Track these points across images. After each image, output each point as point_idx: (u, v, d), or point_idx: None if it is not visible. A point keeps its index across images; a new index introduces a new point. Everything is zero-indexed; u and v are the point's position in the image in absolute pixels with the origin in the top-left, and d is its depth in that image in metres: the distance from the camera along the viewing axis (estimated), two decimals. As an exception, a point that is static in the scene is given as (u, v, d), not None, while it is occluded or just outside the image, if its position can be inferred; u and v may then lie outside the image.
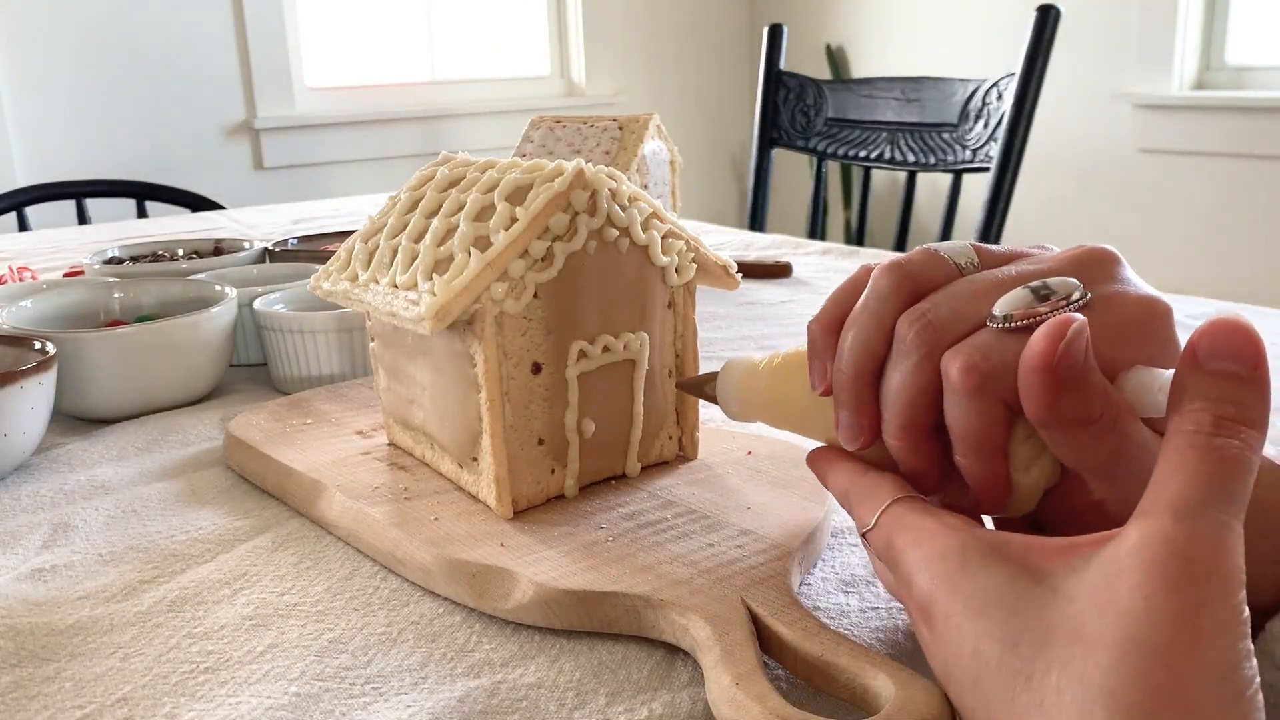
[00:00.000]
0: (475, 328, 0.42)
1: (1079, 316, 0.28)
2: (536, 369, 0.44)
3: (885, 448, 0.34)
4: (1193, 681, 0.23)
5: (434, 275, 0.42)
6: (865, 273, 0.34)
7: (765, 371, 0.39)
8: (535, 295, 0.42)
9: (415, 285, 0.43)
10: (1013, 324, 0.30)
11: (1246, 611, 0.24)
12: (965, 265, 0.33)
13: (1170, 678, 0.23)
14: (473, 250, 0.42)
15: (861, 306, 0.33)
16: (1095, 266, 0.32)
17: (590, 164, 0.44)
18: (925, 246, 0.34)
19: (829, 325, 0.35)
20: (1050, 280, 0.31)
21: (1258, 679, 0.24)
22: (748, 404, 0.39)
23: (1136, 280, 0.32)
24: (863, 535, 0.33)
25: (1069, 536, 0.28)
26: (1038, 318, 0.30)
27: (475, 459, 0.45)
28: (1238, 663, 0.24)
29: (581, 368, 0.44)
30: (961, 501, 0.33)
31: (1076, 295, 0.30)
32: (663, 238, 0.46)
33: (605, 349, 0.45)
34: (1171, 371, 0.28)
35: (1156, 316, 0.31)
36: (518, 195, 0.43)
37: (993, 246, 0.34)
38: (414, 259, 0.44)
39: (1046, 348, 0.28)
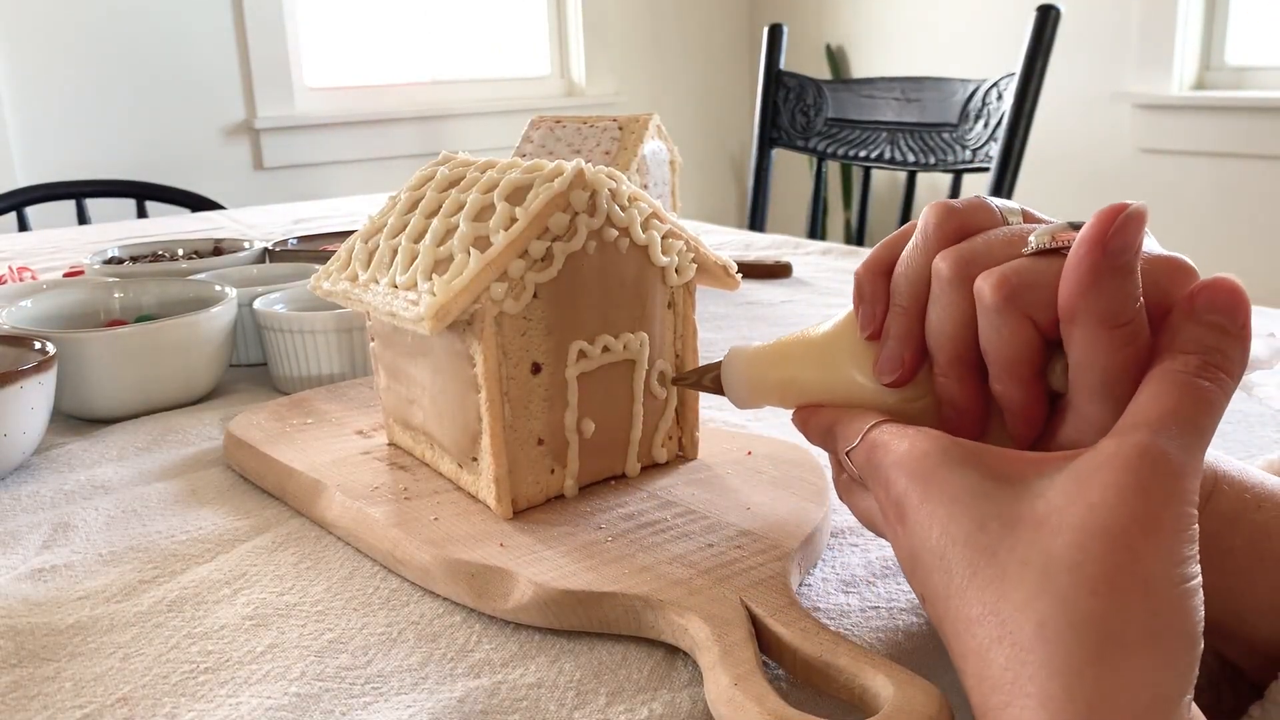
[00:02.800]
0: (475, 328, 0.42)
1: (1139, 203, 0.29)
2: (536, 369, 0.44)
3: (917, 398, 0.35)
4: (1149, 561, 0.26)
5: (434, 275, 0.42)
6: (912, 225, 0.36)
7: (771, 352, 0.39)
8: (535, 295, 0.42)
9: (415, 285, 0.43)
10: (1047, 245, 0.31)
11: (1197, 524, 0.28)
12: (1011, 220, 0.35)
13: (1130, 557, 0.26)
14: (472, 250, 0.42)
15: (912, 244, 0.35)
16: None
17: (590, 164, 0.44)
18: (978, 195, 0.35)
19: (876, 269, 0.36)
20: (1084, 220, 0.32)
21: (1200, 579, 0.27)
22: (757, 388, 0.40)
23: (1159, 247, 0.33)
24: (846, 454, 0.35)
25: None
26: (1071, 240, 0.31)
27: (475, 459, 0.45)
28: (1188, 557, 0.27)
29: (581, 368, 0.44)
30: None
31: None
32: (663, 238, 0.46)
33: (605, 349, 0.45)
34: None
35: (1181, 271, 0.32)
36: (517, 195, 0.43)
37: (1040, 214, 0.35)
38: (414, 259, 0.44)
39: (1102, 224, 0.29)
